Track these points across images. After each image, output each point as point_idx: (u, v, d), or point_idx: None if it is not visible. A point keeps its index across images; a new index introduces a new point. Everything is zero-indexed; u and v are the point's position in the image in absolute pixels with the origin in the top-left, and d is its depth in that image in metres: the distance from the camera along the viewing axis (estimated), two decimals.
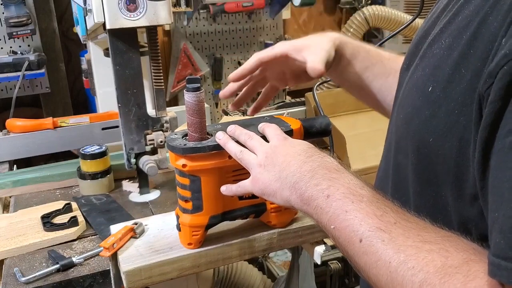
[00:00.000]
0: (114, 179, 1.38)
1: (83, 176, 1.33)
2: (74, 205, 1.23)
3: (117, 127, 1.34)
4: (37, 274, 0.98)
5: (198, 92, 0.77)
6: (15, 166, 1.52)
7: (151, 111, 1.26)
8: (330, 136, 0.93)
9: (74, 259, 1.02)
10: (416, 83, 0.63)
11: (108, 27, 1.09)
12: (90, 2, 1.10)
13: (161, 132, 1.24)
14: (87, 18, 1.24)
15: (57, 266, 1.00)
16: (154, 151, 1.26)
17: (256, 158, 0.73)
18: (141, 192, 1.33)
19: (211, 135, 0.80)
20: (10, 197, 1.36)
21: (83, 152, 1.32)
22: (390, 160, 0.72)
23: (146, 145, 1.24)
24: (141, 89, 1.19)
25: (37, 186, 1.37)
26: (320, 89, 2.19)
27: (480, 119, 0.50)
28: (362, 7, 2.42)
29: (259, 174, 0.71)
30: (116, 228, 0.89)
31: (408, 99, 0.65)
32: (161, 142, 1.23)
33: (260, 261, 2.06)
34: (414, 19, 1.08)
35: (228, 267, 1.73)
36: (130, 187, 1.36)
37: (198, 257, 0.83)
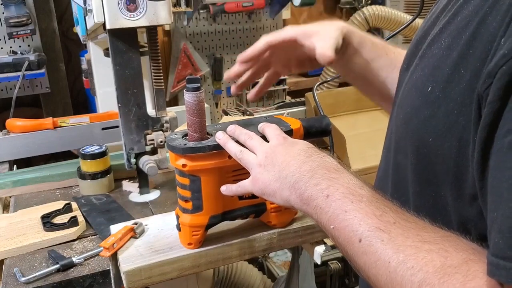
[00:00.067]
0: (114, 179, 1.38)
1: (83, 176, 1.33)
2: (74, 205, 1.23)
3: (117, 127, 1.34)
4: (37, 274, 0.98)
5: (198, 92, 0.77)
6: (15, 166, 1.52)
7: (151, 111, 1.26)
8: (330, 136, 0.93)
9: (74, 259, 1.02)
10: (416, 83, 0.63)
11: (108, 27, 1.09)
12: (90, 2, 1.10)
13: (161, 132, 1.24)
14: (87, 18, 1.24)
15: (57, 266, 1.00)
16: (154, 151, 1.26)
17: (256, 158, 0.73)
18: (141, 192, 1.33)
19: (211, 135, 0.80)
20: (10, 197, 1.36)
21: (83, 152, 1.32)
22: (389, 160, 0.72)
23: (146, 145, 1.24)
24: (141, 89, 1.19)
25: (37, 186, 1.37)
26: (320, 89, 2.19)
27: (479, 119, 0.50)
28: (362, 7, 2.42)
29: (259, 174, 0.71)
30: (116, 228, 0.89)
31: (408, 99, 0.65)
32: (161, 142, 1.23)
33: (260, 261, 2.06)
34: (414, 19, 1.08)
35: (228, 267, 1.73)
36: (130, 187, 1.36)
37: (198, 257, 0.83)
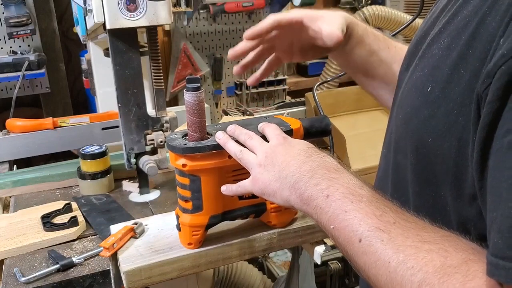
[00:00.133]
0: (114, 179, 1.38)
1: (83, 176, 1.33)
2: (74, 205, 1.23)
3: (117, 127, 1.34)
4: (37, 274, 0.98)
5: (198, 92, 0.77)
6: (15, 166, 1.52)
7: (151, 111, 1.26)
8: (330, 136, 0.93)
9: (74, 259, 1.02)
10: (415, 83, 0.63)
11: (108, 27, 1.09)
12: (90, 2, 1.10)
13: (161, 132, 1.24)
14: (87, 18, 1.24)
15: (57, 266, 1.00)
16: (154, 151, 1.26)
17: (256, 158, 0.73)
18: (141, 192, 1.33)
19: (211, 135, 0.80)
20: (10, 197, 1.36)
21: (83, 152, 1.32)
22: (389, 160, 0.72)
23: (146, 145, 1.24)
24: (141, 89, 1.19)
25: (37, 186, 1.37)
26: (320, 89, 2.19)
27: (479, 119, 0.50)
28: (362, 7, 2.42)
29: (259, 174, 0.71)
30: (116, 228, 0.89)
31: (407, 99, 0.65)
32: (161, 142, 1.23)
33: (260, 261, 2.06)
34: (414, 19, 1.08)
35: (228, 267, 1.73)
36: (130, 187, 1.36)
37: (198, 257, 0.83)
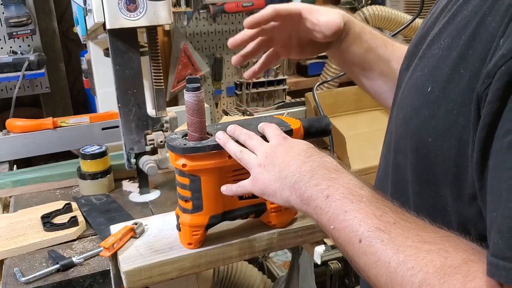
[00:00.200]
0: (114, 179, 1.38)
1: (83, 176, 1.33)
2: (74, 205, 1.23)
3: (117, 127, 1.34)
4: (37, 274, 0.98)
5: (198, 92, 0.77)
6: (15, 166, 1.52)
7: (151, 111, 1.26)
8: (330, 136, 0.93)
9: (74, 259, 1.02)
10: (415, 83, 0.63)
11: (108, 27, 1.09)
12: (90, 2, 1.10)
13: (161, 132, 1.24)
14: (87, 18, 1.24)
15: (57, 266, 1.00)
16: (154, 151, 1.26)
17: (256, 158, 0.73)
18: (141, 192, 1.33)
19: (211, 135, 0.80)
20: (10, 197, 1.36)
21: (83, 152, 1.32)
22: (389, 160, 0.72)
23: (146, 145, 1.24)
24: (141, 89, 1.19)
25: (37, 186, 1.37)
26: (320, 89, 2.19)
27: (479, 120, 0.50)
28: (362, 7, 2.42)
29: (259, 174, 0.71)
30: (116, 228, 0.89)
31: (407, 99, 0.65)
32: (161, 142, 1.23)
33: (260, 261, 2.06)
34: (414, 19, 1.08)
35: (228, 267, 1.73)
36: (130, 187, 1.36)
37: (198, 257, 0.83)
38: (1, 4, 1.89)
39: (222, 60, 2.28)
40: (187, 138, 0.80)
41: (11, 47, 1.95)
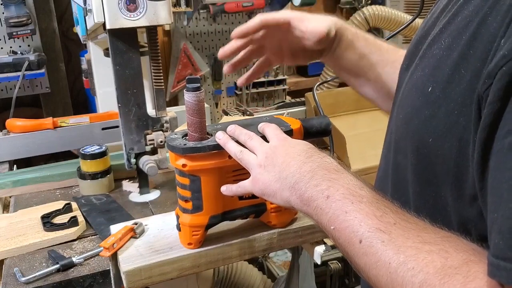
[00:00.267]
0: (114, 179, 1.38)
1: (83, 176, 1.33)
2: (74, 205, 1.23)
3: (117, 127, 1.34)
4: (37, 274, 0.98)
5: (198, 92, 0.77)
6: (15, 166, 1.52)
7: (151, 111, 1.26)
8: (330, 136, 0.93)
9: (74, 259, 1.02)
10: (416, 84, 0.63)
11: (108, 27, 1.09)
12: (90, 2, 1.10)
13: (161, 132, 1.24)
14: (87, 18, 1.24)
15: (57, 266, 1.00)
16: (154, 151, 1.26)
17: (256, 159, 0.73)
18: (141, 192, 1.33)
19: (211, 135, 0.80)
20: (10, 197, 1.36)
21: (83, 152, 1.32)
22: (389, 160, 0.72)
23: (146, 145, 1.24)
24: (141, 89, 1.19)
25: (37, 186, 1.37)
26: (320, 89, 2.19)
27: (479, 120, 0.50)
28: (362, 7, 2.41)
29: (259, 175, 0.71)
30: (116, 228, 0.89)
31: (408, 99, 0.65)
32: (161, 142, 1.23)
33: (260, 261, 2.06)
34: (414, 19, 1.08)
35: (228, 267, 1.73)
36: (130, 187, 1.36)
37: (198, 257, 0.83)
38: (1, 4, 1.89)
39: (222, 60, 2.28)
40: (187, 138, 0.80)
41: (11, 47, 1.94)
